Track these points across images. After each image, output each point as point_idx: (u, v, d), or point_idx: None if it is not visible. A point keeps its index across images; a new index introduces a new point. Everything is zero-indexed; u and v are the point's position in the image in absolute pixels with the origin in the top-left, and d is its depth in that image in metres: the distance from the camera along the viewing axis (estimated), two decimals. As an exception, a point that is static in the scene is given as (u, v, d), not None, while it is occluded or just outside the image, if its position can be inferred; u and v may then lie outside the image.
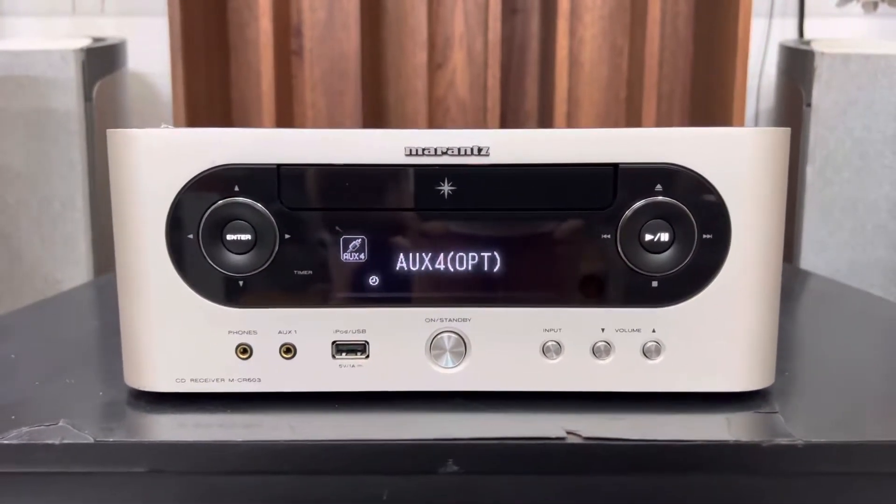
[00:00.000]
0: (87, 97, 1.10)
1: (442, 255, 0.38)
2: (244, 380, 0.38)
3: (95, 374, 0.44)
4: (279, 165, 0.37)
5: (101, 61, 1.14)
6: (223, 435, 0.35)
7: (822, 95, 1.06)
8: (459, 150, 0.37)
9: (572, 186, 0.37)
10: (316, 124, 1.29)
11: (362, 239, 0.38)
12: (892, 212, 1.08)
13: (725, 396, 0.39)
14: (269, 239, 0.37)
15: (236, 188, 0.37)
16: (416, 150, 0.37)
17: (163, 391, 0.38)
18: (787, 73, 1.19)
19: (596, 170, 0.37)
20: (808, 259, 1.08)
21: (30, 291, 1.12)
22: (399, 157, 0.37)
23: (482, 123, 1.25)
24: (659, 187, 0.37)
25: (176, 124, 1.14)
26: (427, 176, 0.37)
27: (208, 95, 1.22)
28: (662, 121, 1.27)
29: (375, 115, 1.29)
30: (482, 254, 0.38)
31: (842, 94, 1.06)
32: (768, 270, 0.38)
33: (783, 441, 0.34)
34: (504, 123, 1.27)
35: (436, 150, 0.37)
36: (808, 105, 1.07)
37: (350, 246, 0.38)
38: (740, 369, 0.38)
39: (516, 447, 0.35)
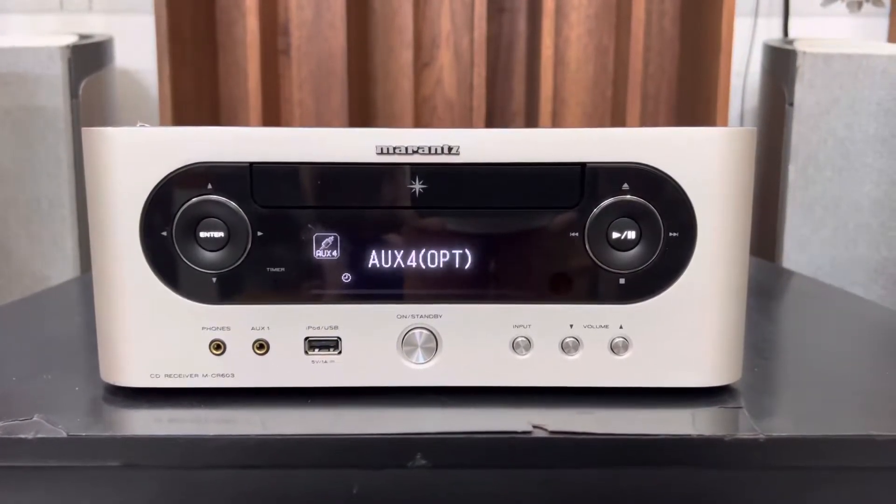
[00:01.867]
0: (74, 94, 1.10)
1: (413, 252, 0.39)
2: (218, 375, 0.39)
3: (73, 369, 0.44)
4: (252, 164, 0.37)
5: (88, 58, 1.14)
6: (197, 430, 0.36)
7: (805, 95, 1.07)
8: (430, 148, 0.37)
9: (541, 185, 0.38)
10: (303, 123, 1.29)
11: (334, 236, 0.38)
12: (873, 210, 1.09)
13: (692, 392, 0.39)
14: (241, 236, 0.38)
15: (209, 186, 0.37)
16: (387, 149, 0.37)
17: (138, 386, 0.39)
18: (770, 73, 1.20)
19: (564, 169, 0.38)
20: (791, 257, 1.09)
21: (18, 289, 1.12)
22: (370, 156, 0.37)
23: (468, 122, 1.26)
24: (626, 186, 0.38)
25: (162, 122, 1.15)
26: (398, 174, 0.38)
27: (196, 93, 1.22)
28: (648, 120, 1.28)
29: (362, 113, 1.30)
30: (453, 251, 0.39)
31: (824, 93, 1.07)
32: (734, 268, 0.39)
33: (745, 435, 0.35)
34: (491, 122, 1.27)
35: (406, 148, 0.37)
36: (791, 104, 1.08)
37: (322, 243, 0.38)
38: (707, 365, 0.39)
39: (483, 441, 0.35)
